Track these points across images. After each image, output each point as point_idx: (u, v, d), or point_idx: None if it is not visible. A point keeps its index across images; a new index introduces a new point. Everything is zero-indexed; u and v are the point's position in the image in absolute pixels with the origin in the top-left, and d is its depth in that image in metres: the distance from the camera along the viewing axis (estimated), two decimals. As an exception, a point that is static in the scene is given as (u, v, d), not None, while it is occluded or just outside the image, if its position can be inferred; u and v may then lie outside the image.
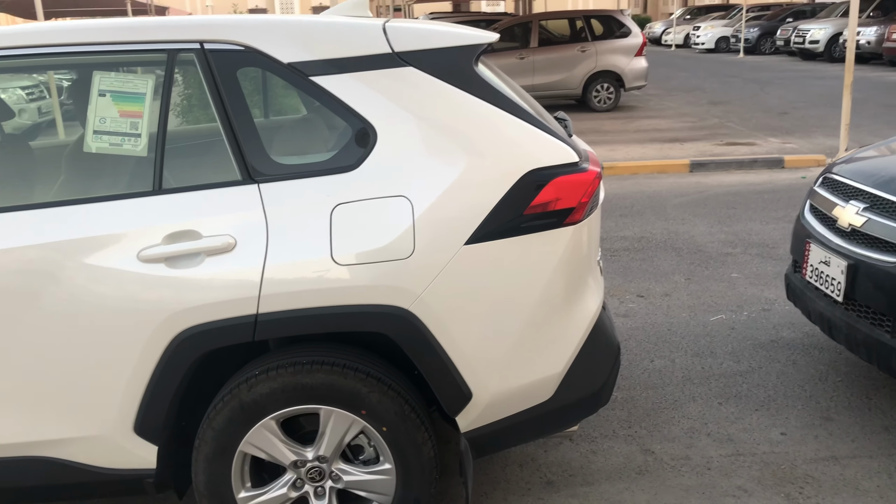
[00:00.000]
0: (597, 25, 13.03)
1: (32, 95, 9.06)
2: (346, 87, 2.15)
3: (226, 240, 2.06)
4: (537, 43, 12.93)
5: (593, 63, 12.78)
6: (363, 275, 2.07)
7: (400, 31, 2.22)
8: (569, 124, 2.70)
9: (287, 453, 2.19)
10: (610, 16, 13.04)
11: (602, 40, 12.84)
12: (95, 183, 2.35)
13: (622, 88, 12.96)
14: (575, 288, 2.25)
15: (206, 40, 2.16)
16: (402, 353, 2.32)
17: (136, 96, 2.17)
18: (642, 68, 12.90)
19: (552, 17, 13.36)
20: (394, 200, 2.10)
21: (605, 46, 12.80)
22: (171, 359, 2.08)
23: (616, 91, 12.96)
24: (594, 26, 12.98)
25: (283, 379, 2.12)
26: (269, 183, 2.12)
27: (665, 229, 5.98)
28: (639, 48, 12.82)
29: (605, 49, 12.79)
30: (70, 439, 2.15)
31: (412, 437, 2.18)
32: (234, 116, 2.14)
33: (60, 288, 2.06)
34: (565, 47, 12.86)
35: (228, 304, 2.05)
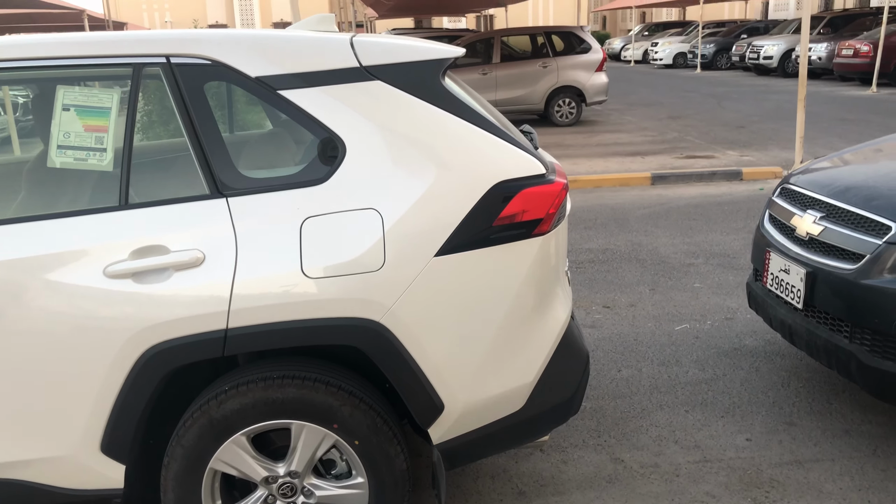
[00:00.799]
0: (558, 41, 13.23)
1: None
2: (314, 100, 2.15)
3: (194, 254, 2.05)
4: (500, 59, 13.07)
5: (555, 78, 12.96)
6: (334, 288, 2.07)
7: (367, 45, 2.23)
8: (534, 137, 2.74)
9: (258, 469, 2.17)
10: (570, 32, 13.25)
11: (563, 56, 13.03)
12: (59, 198, 2.31)
13: (583, 103, 13.15)
14: (544, 298, 2.28)
15: (172, 54, 2.15)
16: (373, 365, 2.32)
17: (101, 110, 2.15)
18: (603, 83, 13.12)
19: (514, 33, 13.52)
20: (363, 213, 2.10)
21: (567, 62, 12.99)
22: (139, 376, 2.05)
23: (578, 106, 13.15)
24: (555, 42, 13.18)
25: (253, 394, 2.10)
26: (237, 197, 2.11)
27: (629, 241, 6.07)
28: (599, 64, 13.04)
29: (566, 65, 12.99)
30: (34, 460, 2.10)
31: (384, 450, 2.17)
32: (202, 130, 2.13)
33: (23, 305, 2.02)
34: (527, 63, 13.03)
35: (198, 320, 2.03)
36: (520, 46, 13.74)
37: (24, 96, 11.44)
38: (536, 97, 13.00)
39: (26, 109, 11.90)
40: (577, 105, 13.14)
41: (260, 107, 2.71)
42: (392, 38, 2.35)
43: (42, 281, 2.03)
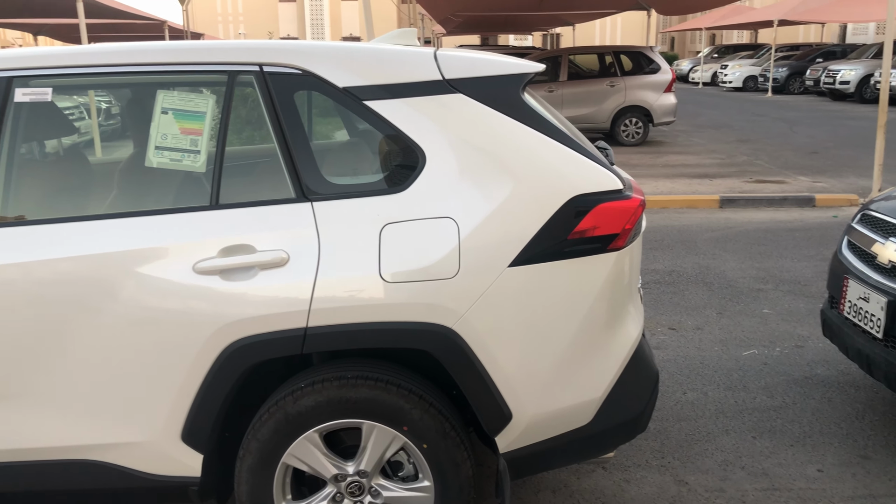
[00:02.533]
0: (626, 61, 13.15)
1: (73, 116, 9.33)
2: (397, 111, 2.22)
3: (279, 255, 2.13)
4: (566, 76, 13.06)
5: (622, 98, 12.88)
6: (409, 293, 2.12)
7: (450, 58, 2.29)
8: (610, 153, 2.75)
9: (329, 466, 2.22)
10: (640, 52, 13.16)
11: (631, 76, 12.95)
12: (152, 197, 2.43)
13: (650, 124, 13.02)
14: (616, 314, 2.28)
15: (265, 63, 2.25)
16: (441, 372, 2.36)
17: (197, 115, 2.26)
18: (671, 104, 12.97)
19: (582, 51, 13.51)
20: (440, 222, 2.15)
21: (635, 82, 12.90)
22: (221, 369, 2.13)
23: (644, 126, 13.02)
24: (623, 62, 13.11)
25: (328, 392, 2.16)
26: (322, 201, 2.18)
27: (696, 264, 5.98)
28: (668, 84, 12.91)
29: (634, 84, 12.89)
30: (119, 444, 2.20)
31: (452, 455, 2.20)
32: (290, 137, 2.22)
33: (116, 297, 2.13)
34: (594, 81, 12.98)
35: (279, 317, 2.11)
36: (587, 65, 13.71)
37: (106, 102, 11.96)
38: (603, 116, 12.93)
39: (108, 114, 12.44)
40: (643, 125, 13.02)
41: (349, 115, 2.80)
42: (474, 52, 2.41)
43: (134, 275, 2.14)
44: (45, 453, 2.21)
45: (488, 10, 16.77)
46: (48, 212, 2.42)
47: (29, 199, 2.38)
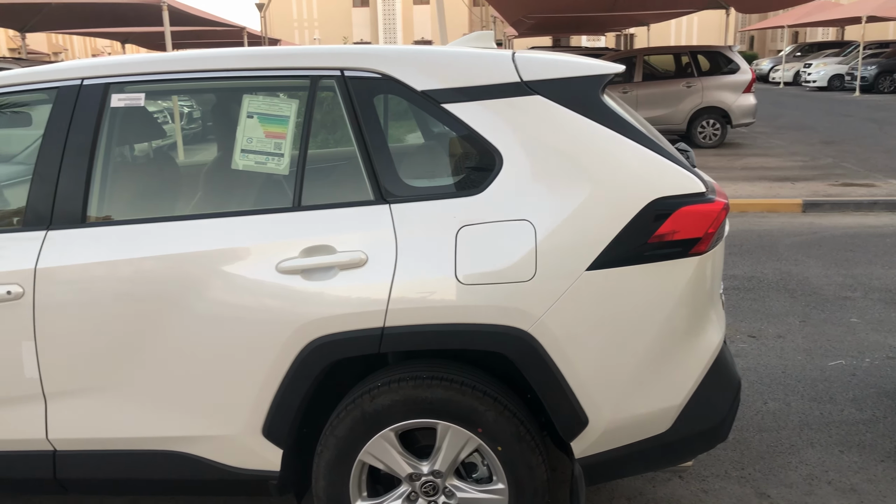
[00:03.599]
0: (703, 61, 12.82)
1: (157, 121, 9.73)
2: (475, 114, 2.23)
3: (358, 255, 2.16)
4: (641, 77, 12.83)
5: (699, 98, 12.56)
6: (485, 295, 2.13)
7: (528, 60, 2.28)
8: (691, 156, 2.69)
9: (404, 465, 2.25)
10: (718, 51, 12.80)
11: (709, 76, 12.62)
12: (237, 198, 2.51)
13: (729, 125, 12.66)
14: (697, 319, 2.23)
15: (346, 68, 2.30)
16: (516, 375, 2.35)
17: (281, 118, 2.32)
18: (751, 105, 12.57)
19: (657, 52, 13.24)
20: (517, 224, 2.15)
21: (712, 82, 12.56)
22: (302, 366, 2.18)
23: (722, 127, 12.67)
24: (701, 62, 12.78)
25: (403, 392, 2.18)
26: (399, 203, 2.21)
27: (777, 269, 5.78)
28: (747, 84, 12.52)
29: (711, 85, 12.56)
30: (203, 437, 2.28)
31: (527, 458, 2.19)
32: (370, 140, 2.25)
33: (201, 295, 2.21)
34: (670, 82, 12.71)
35: (358, 317, 2.15)
36: (662, 66, 13.43)
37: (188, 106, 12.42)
38: (679, 117, 12.64)
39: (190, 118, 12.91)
40: (721, 126, 12.66)
41: (427, 118, 2.82)
42: (553, 53, 2.40)
43: (220, 273, 2.21)
44: (134, 443, 2.31)
45: (561, 11, 16.63)
46: (138, 212, 2.53)
47: (120, 200, 2.49)
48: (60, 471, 2.35)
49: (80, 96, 2.34)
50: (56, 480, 2.37)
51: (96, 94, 2.34)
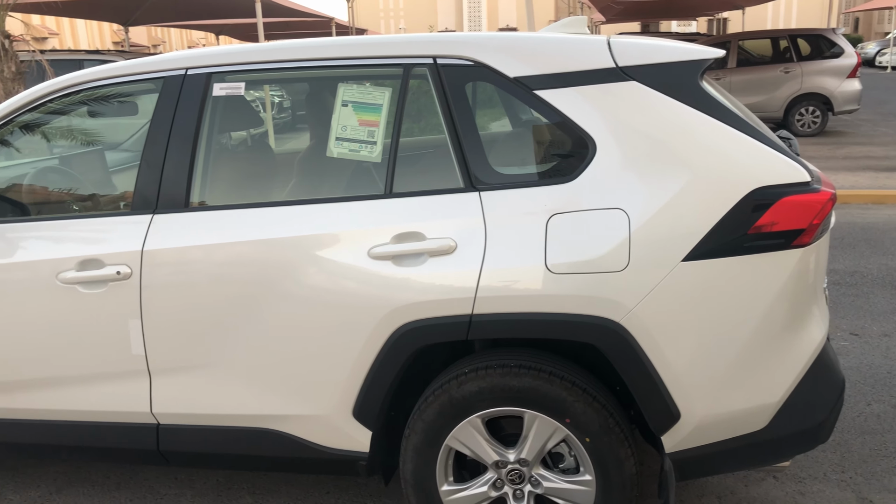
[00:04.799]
0: (803, 45, 12.22)
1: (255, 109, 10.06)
2: (568, 100, 2.19)
3: (447, 242, 2.17)
4: (735, 63, 12.34)
5: (798, 85, 11.98)
6: (576, 284, 2.10)
7: (624, 46, 2.23)
8: (794, 144, 2.57)
9: (490, 452, 2.25)
10: (820, 35, 12.17)
11: (809, 61, 12.02)
12: (330, 185, 2.57)
13: (830, 112, 12.03)
14: (798, 314, 2.14)
15: (438, 55, 2.30)
16: (605, 366, 2.31)
17: (374, 107, 2.35)
18: (855, 91, 11.90)
19: (753, 36, 12.71)
20: (610, 213, 2.11)
21: (813, 67, 11.96)
22: (391, 350, 2.21)
23: (822, 115, 12.05)
24: (800, 46, 12.18)
25: (491, 379, 2.19)
26: (489, 191, 2.21)
27: (882, 265, 5.47)
28: (852, 69, 11.85)
29: (812, 70, 11.96)
30: (296, 416, 2.35)
31: (615, 451, 2.16)
32: (461, 127, 2.26)
33: (296, 278, 2.27)
34: (767, 68, 12.18)
35: (446, 303, 2.16)
36: (758, 51, 12.88)
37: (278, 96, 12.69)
38: (775, 104, 12.11)
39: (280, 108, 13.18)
40: (821, 114, 12.05)
41: (518, 105, 2.81)
42: (649, 38, 2.34)
43: (314, 258, 2.26)
44: (232, 420, 2.41)
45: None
46: (237, 198, 2.62)
47: (221, 186, 2.59)
48: (163, 443, 2.48)
49: (185, 85, 2.44)
50: (159, 452, 2.50)
51: (199, 84, 2.43)
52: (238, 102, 2.75)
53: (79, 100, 2.67)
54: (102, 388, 2.48)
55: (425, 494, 2.32)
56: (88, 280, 2.36)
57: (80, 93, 2.60)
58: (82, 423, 2.53)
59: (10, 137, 2.79)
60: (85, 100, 2.69)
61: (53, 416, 2.54)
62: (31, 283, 2.44)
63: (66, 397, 2.51)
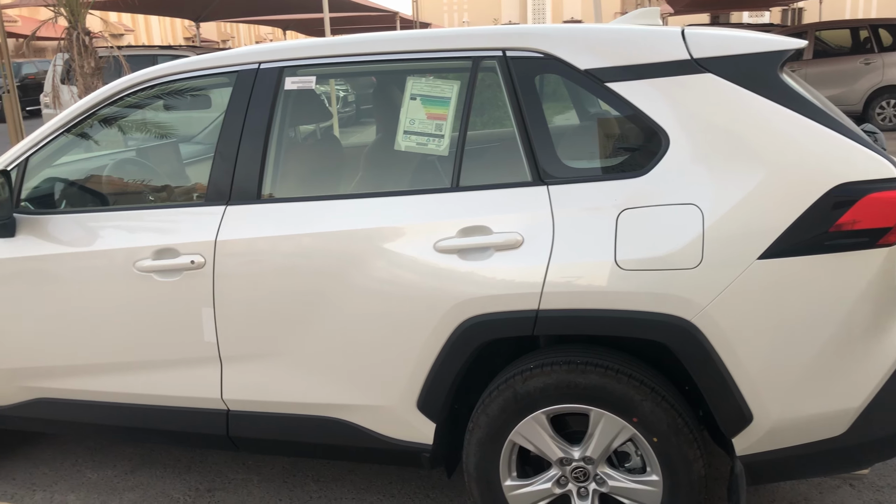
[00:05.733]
0: (885, 35, 11.68)
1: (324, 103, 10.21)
2: (640, 93, 2.15)
3: (514, 237, 2.16)
4: (812, 55, 11.89)
5: (878, 77, 11.47)
6: (646, 281, 2.06)
7: (699, 36, 2.17)
8: (880, 138, 2.46)
9: (555, 449, 2.23)
10: (905, 24, 11.62)
11: (891, 52, 11.48)
12: (396, 178, 2.58)
13: (914, 105, 11.47)
14: (883, 317, 2.04)
15: (508, 48, 2.28)
16: (674, 365, 2.26)
17: (443, 100, 2.35)
18: (940, 83, 11.32)
19: (832, 26, 12.23)
20: (683, 208, 2.06)
21: (895, 58, 11.42)
22: (456, 344, 2.21)
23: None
24: (882, 36, 11.65)
25: (556, 375, 2.17)
26: (558, 185, 2.18)
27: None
28: (942, 60, 11.27)
29: (894, 61, 11.42)
30: (362, 406, 2.38)
31: (683, 452, 2.12)
32: (529, 120, 2.23)
33: (363, 270, 2.29)
34: (845, 59, 11.70)
35: (512, 298, 2.15)
36: (836, 41, 12.37)
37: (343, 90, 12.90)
38: (854, 97, 11.62)
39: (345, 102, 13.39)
40: (904, 107, 11.51)
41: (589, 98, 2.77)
42: (726, 29, 2.27)
43: (380, 250, 2.28)
44: (299, 408, 2.45)
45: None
46: (306, 190, 2.66)
47: (291, 179, 2.63)
48: (233, 429, 2.54)
49: (258, 79, 2.48)
50: (229, 437, 2.57)
51: (272, 78, 2.47)
52: (308, 96, 2.79)
53: (156, 94, 2.74)
54: (175, 374, 2.56)
55: (488, 488, 2.31)
56: (164, 269, 2.44)
57: (158, 87, 2.67)
58: (156, 406, 2.61)
59: (90, 131, 2.90)
60: (161, 94, 2.77)
61: (128, 400, 2.64)
62: (109, 270, 2.53)
63: (140, 381, 2.60)
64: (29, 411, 2.78)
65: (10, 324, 2.66)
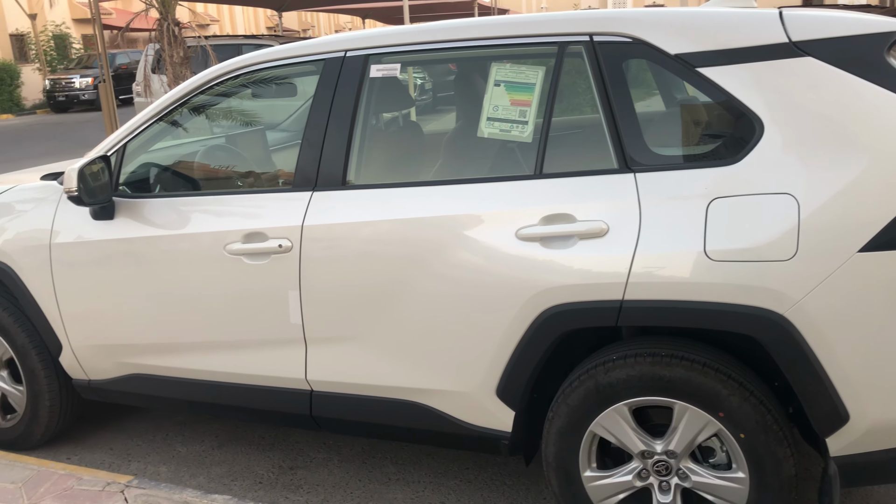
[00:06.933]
0: None
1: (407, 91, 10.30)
2: (734, 77, 2.08)
3: (599, 225, 2.13)
4: (914, 37, 11.20)
5: None
6: (737, 273, 1.99)
7: (799, 18, 2.08)
8: None
9: (636, 441, 2.20)
10: None
11: None
12: (478, 165, 2.58)
13: None
14: None
15: (595, 33, 2.24)
16: (762, 360, 2.18)
17: (527, 86, 2.33)
18: None
19: (937, 6, 11.46)
20: (778, 198, 1.98)
21: None
22: (537, 333, 2.20)
23: None
24: None
25: (640, 367, 2.13)
26: (645, 172, 2.13)
27: None
28: None
29: None
30: (441, 391, 2.40)
31: (772, 450, 2.05)
32: (616, 106, 2.19)
33: (443, 257, 2.30)
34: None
35: (596, 288, 2.12)
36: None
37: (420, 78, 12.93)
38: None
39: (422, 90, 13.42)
40: None
41: (678, 83, 2.70)
42: (827, 10, 2.16)
43: (461, 237, 2.28)
44: (380, 391, 2.49)
45: (817, -36, 14.97)
46: (389, 176, 2.69)
47: (374, 165, 2.67)
48: (316, 409, 2.60)
49: (344, 67, 2.52)
50: (312, 417, 2.63)
51: (357, 65, 2.50)
52: (392, 83, 2.81)
53: (245, 82, 2.82)
54: (262, 354, 2.64)
55: (567, 478, 2.30)
56: (253, 252, 2.51)
57: (247, 75, 2.74)
58: (242, 385, 2.70)
59: (182, 118, 3.01)
60: (251, 82, 2.85)
61: (216, 378, 2.74)
62: (201, 252, 2.62)
63: (228, 360, 2.69)
64: (125, 386, 2.92)
65: (108, 302, 2.80)
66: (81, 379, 3.00)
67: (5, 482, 2.79)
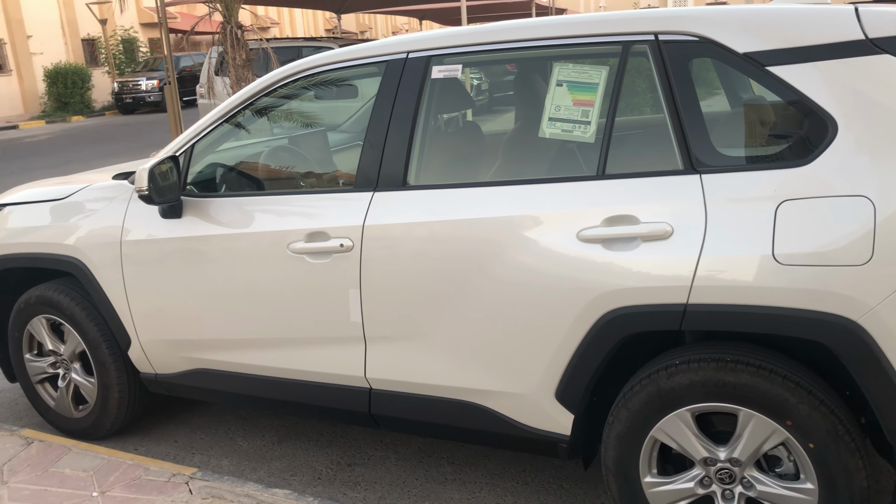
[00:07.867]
0: None
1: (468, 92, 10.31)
2: (806, 76, 2.02)
3: (663, 227, 2.09)
4: None
5: None
6: (807, 278, 1.94)
7: (876, 15, 2.01)
8: None
9: (699, 448, 2.15)
10: None
11: None
12: (539, 165, 2.56)
13: None
14: None
15: (661, 31, 2.20)
16: (832, 368, 2.11)
17: (590, 86, 2.31)
18: None
19: None
20: (851, 201, 1.92)
21: None
22: (597, 336, 2.18)
23: None
24: None
25: (704, 373, 2.08)
26: (711, 174, 2.09)
27: None
28: None
29: None
30: (500, 392, 2.39)
31: (843, 461, 1.98)
32: (682, 106, 2.15)
33: (503, 258, 2.29)
34: None
35: (659, 291, 2.08)
36: None
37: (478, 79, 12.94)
38: None
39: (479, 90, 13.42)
40: None
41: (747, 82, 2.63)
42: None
43: (522, 238, 2.27)
44: (439, 390, 2.50)
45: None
46: (448, 177, 2.70)
47: (435, 166, 2.68)
48: (375, 407, 2.63)
49: (406, 68, 2.54)
50: (370, 415, 2.66)
51: (419, 67, 2.52)
52: (453, 85, 2.82)
53: (309, 84, 2.86)
54: (322, 351, 2.67)
55: (627, 484, 2.26)
56: (315, 251, 2.55)
57: (311, 77, 2.78)
58: (303, 382, 2.75)
59: (247, 120, 3.08)
60: (314, 84, 2.89)
61: (277, 374, 2.79)
62: (265, 251, 2.67)
63: (289, 357, 2.74)
64: (190, 380, 3.01)
65: (175, 298, 2.88)
66: (149, 373, 3.10)
67: (78, 470, 2.90)
